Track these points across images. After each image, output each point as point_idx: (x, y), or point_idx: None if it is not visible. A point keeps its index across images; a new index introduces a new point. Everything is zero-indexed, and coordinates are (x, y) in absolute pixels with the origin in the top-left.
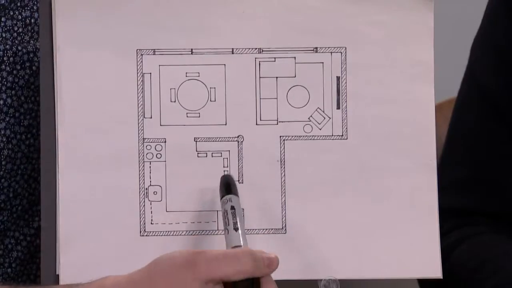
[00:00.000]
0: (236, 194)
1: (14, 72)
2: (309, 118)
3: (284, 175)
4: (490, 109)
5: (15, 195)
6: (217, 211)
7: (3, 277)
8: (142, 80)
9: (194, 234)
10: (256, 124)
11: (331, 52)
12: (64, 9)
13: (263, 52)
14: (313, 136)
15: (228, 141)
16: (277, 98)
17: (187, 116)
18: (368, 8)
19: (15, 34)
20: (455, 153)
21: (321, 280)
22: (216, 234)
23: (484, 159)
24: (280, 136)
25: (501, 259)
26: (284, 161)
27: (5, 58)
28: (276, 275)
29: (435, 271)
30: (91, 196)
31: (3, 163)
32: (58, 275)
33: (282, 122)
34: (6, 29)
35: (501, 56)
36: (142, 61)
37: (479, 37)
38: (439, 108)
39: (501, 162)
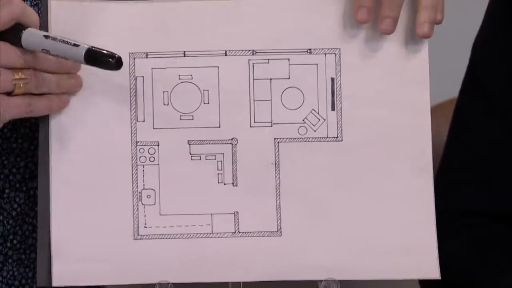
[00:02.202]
0: None
1: None
2: (303, 120)
3: (279, 177)
4: (492, 108)
5: (31, 176)
6: (211, 214)
7: (17, 263)
8: (134, 84)
9: (188, 237)
10: (250, 126)
11: (325, 54)
12: (58, 13)
13: (257, 54)
14: (308, 138)
15: (222, 143)
16: (271, 100)
17: (180, 119)
18: None
19: None
20: (459, 153)
21: (321, 281)
22: (210, 237)
23: (487, 159)
24: (275, 138)
25: (510, 260)
26: (278, 164)
27: None
28: (271, 277)
29: (432, 272)
30: (83, 199)
31: (19, 141)
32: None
33: (276, 124)
34: None
35: (502, 55)
36: (134, 65)
37: (481, 36)
38: (440, 107)
39: (504, 161)
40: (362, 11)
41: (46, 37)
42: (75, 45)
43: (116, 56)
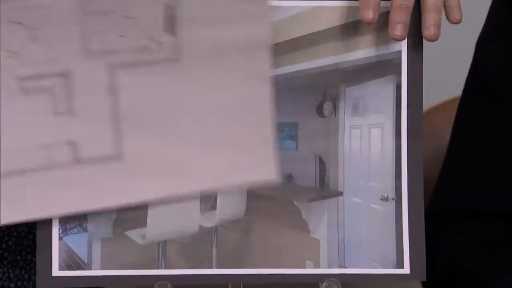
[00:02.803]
0: None
1: None
2: (140, 45)
3: (118, 103)
4: (495, 107)
5: None
6: (49, 146)
7: (13, 264)
8: None
9: (28, 171)
10: (85, 55)
11: None
12: None
13: None
14: (144, 62)
15: (56, 76)
16: (105, 28)
17: (8, 57)
18: None
19: None
20: (462, 152)
21: (322, 282)
22: (49, 169)
23: (491, 158)
24: (110, 65)
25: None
26: (116, 89)
27: None
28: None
29: (269, 173)
30: None
31: None
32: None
33: (111, 50)
34: None
35: (506, 53)
36: None
37: (484, 34)
38: (443, 106)
39: (508, 160)
40: (368, 11)
41: None
42: None
43: None
